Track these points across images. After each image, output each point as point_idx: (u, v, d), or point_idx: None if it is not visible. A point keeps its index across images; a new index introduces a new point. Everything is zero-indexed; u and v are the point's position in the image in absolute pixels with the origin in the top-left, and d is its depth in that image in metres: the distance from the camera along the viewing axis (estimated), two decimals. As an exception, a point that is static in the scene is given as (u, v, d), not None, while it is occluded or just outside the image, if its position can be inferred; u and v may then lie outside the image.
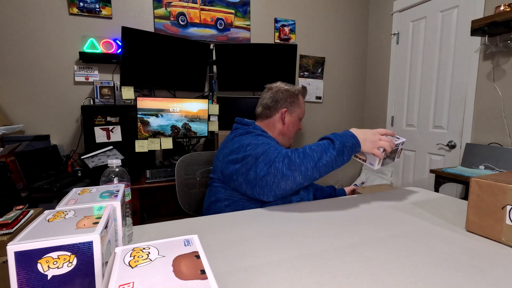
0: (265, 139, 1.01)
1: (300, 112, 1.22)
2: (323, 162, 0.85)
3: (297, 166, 0.85)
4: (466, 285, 0.49)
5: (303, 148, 0.89)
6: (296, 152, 0.87)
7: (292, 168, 0.85)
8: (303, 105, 1.23)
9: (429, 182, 2.53)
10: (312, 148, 0.87)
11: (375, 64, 3.09)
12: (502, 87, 1.97)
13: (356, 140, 0.88)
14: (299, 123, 1.23)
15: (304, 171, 0.84)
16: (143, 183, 1.85)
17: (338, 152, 0.86)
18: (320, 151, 0.86)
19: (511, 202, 0.62)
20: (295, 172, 0.85)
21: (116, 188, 0.59)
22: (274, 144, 0.98)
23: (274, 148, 0.92)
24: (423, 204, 0.94)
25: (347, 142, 0.87)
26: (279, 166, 0.86)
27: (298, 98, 1.20)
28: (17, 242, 0.33)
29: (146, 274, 0.31)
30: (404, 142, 0.98)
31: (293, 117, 1.19)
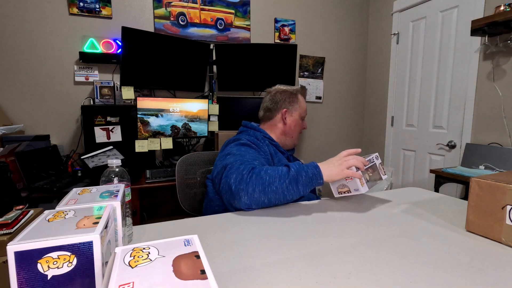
0: (244, 150, 0.98)
1: (301, 111, 1.21)
2: (272, 188, 0.82)
3: (245, 186, 0.82)
4: (466, 285, 0.49)
5: (264, 169, 0.85)
6: (253, 172, 0.85)
7: (240, 187, 0.83)
8: (304, 104, 1.22)
9: (429, 182, 2.53)
10: (268, 172, 0.84)
11: (375, 64, 3.09)
12: (502, 87, 1.97)
13: (317, 170, 0.84)
14: (302, 122, 1.22)
15: (251, 192, 0.82)
16: (143, 183, 1.84)
17: (291, 180, 0.82)
18: (274, 176, 0.83)
19: (511, 202, 0.62)
20: (241, 192, 0.82)
21: (116, 188, 0.59)
22: (251, 157, 0.95)
23: (241, 162, 0.89)
24: (423, 204, 0.94)
25: (304, 171, 0.83)
26: (230, 182, 0.85)
27: (297, 97, 1.20)
28: (17, 242, 0.33)
29: (146, 274, 0.31)
30: (377, 156, 0.96)
31: (294, 116, 1.19)
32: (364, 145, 3.29)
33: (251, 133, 1.15)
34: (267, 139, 1.13)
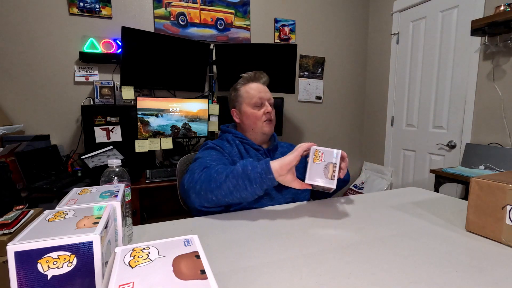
0: (207, 154, 0.99)
1: (248, 100, 1.10)
2: (217, 184, 0.80)
3: (194, 184, 0.84)
4: (466, 285, 0.49)
5: (217, 167, 0.85)
6: (204, 171, 0.86)
7: (190, 185, 0.85)
8: (251, 91, 1.10)
9: (429, 182, 2.53)
10: (218, 170, 0.83)
11: (375, 64, 3.09)
12: (502, 87, 1.97)
13: (266, 165, 0.78)
14: (257, 110, 1.09)
15: (198, 189, 0.83)
16: (143, 183, 1.84)
17: (238, 176, 0.79)
18: (221, 173, 0.82)
19: (511, 202, 0.62)
20: (190, 190, 0.84)
21: (116, 188, 0.59)
22: (211, 158, 0.95)
23: (200, 164, 0.90)
24: (423, 204, 0.94)
25: (251, 167, 0.79)
26: (184, 182, 0.88)
27: (238, 90, 1.13)
28: (17, 242, 0.33)
29: (146, 274, 0.31)
30: (338, 153, 0.81)
31: (244, 110, 1.11)
32: (364, 145, 3.29)
33: (223, 136, 1.15)
34: (237, 139, 1.10)
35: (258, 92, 1.10)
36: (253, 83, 1.12)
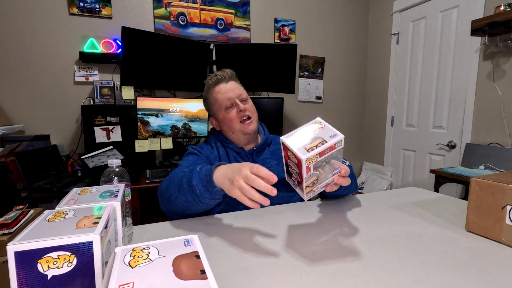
0: (185, 160, 0.99)
1: (218, 105, 1.04)
2: (173, 197, 0.78)
3: (160, 193, 0.85)
4: (466, 285, 0.49)
5: (174, 177, 0.82)
6: (166, 181, 0.84)
7: (158, 193, 0.87)
8: (218, 96, 1.03)
9: (429, 182, 2.53)
10: (174, 181, 0.80)
11: (375, 64, 3.09)
12: (502, 87, 1.97)
13: (209, 177, 0.69)
14: (230, 112, 1.02)
15: (162, 201, 0.84)
16: (143, 183, 1.84)
17: (186, 192, 0.74)
18: (176, 184, 0.78)
19: (511, 202, 0.62)
20: (160, 197, 0.86)
21: (116, 188, 0.59)
22: (187, 164, 0.94)
23: (173, 172, 0.89)
24: (423, 204, 0.94)
25: (197, 180, 0.72)
26: (160, 199, 0.88)
27: (208, 98, 1.08)
28: (17, 242, 0.33)
29: (146, 274, 0.31)
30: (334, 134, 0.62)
31: (218, 116, 1.05)
32: (364, 145, 3.29)
33: (209, 138, 1.13)
34: (219, 141, 1.07)
35: (224, 93, 1.02)
36: (218, 86, 1.04)
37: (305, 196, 0.65)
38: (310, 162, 0.58)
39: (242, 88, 1.07)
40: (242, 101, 1.03)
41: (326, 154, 0.60)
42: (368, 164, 3.20)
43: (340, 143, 0.61)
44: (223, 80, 1.05)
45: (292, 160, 0.61)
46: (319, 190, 0.68)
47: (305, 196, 0.65)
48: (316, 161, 0.58)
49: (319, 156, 0.59)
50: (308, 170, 0.58)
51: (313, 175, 0.61)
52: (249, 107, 1.04)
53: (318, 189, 0.67)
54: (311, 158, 0.57)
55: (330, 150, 0.60)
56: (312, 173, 0.60)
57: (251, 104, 1.06)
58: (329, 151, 0.60)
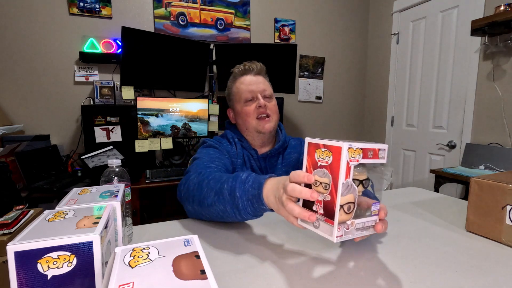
0: (205, 153, 0.89)
1: (238, 96, 0.97)
2: (207, 203, 0.68)
3: (188, 194, 0.74)
4: (466, 285, 0.49)
5: (211, 176, 0.70)
6: (198, 180, 0.72)
7: (185, 195, 0.75)
8: (240, 86, 0.98)
9: (429, 182, 2.53)
10: (211, 183, 0.68)
11: (375, 64, 3.09)
12: (502, 87, 1.97)
13: (258, 193, 0.57)
14: (248, 105, 0.96)
15: (192, 204, 0.73)
16: (143, 183, 1.84)
17: (226, 202, 0.63)
18: (213, 188, 0.67)
19: (511, 202, 0.62)
20: (185, 201, 0.76)
21: (116, 188, 0.59)
22: (210, 158, 0.86)
23: (196, 167, 0.81)
24: (423, 204, 0.94)
25: (240, 193, 0.60)
26: (180, 187, 0.79)
27: (230, 88, 1.02)
28: (17, 242, 0.33)
29: (146, 274, 0.31)
30: (383, 151, 0.48)
31: (236, 109, 0.99)
32: (364, 145, 3.29)
33: (224, 132, 1.04)
34: (236, 137, 1.00)
35: (248, 85, 0.96)
36: (244, 77, 0.98)
37: (335, 231, 0.44)
38: (351, 158, 0.43)
39: (269, 85, 1.01)
40: (265, 97, 0.97)
41: (369, 161, 0.46)
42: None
43: (383, 154, 0.48)
44: (251, 72, 0.99)
45: (322, 163, 0.46)
46: (354, 234, 0.47)
47: (334, 231, 0.44)
48: (357, 161, 0.44)
49: (361, 155, 0.45)
50: (348, 171, 0.43)
51: (350, 189, 0.44)
52: (270, 106, 0.97)
53: (353, 231, 0.46)
54: (353, 149, 0.43)
55: (374, 156, 0.47)
56: (350, 184, 0.44)
57: (274, 104, 0.99)
58: (372, 156, 0.47)
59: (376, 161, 0.48)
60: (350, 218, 0.45)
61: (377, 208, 0.49)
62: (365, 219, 0.48)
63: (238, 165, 0.96)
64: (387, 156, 0.49)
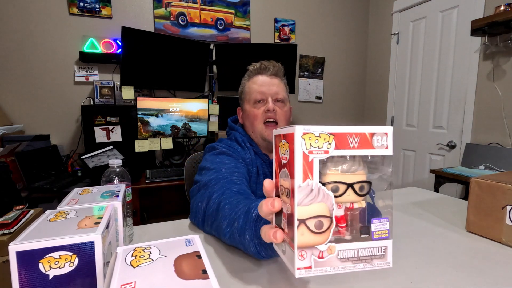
0: (219, 162, 0.79)
1: (249, 96, 0.92)
2: (220, 233, 0.61)
3: (203, 215, 0.68)
4: (466, 285, 0.49)
5: (226, 207, 0.61)
6: (214, 204, 0.64)
7: (199, 214, 0.70)
8: (252, 85, 0.92)
9: (429, 182, 2.53)
10: (226, 212, 0.59)
11: (375, 64, 3.09)
12: (502, 87, 1.97)
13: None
14: (257, 107, 0.90)
15: (206, 225, 0.68)
16: (143, 183, 1.85)
17: (238, 242, 0.55)
18: (226, 217, 0.58)
19: (511, 202, 0.62)
20: (198, 218, 0.70)
21: (117, 188, 0.59)
22: (227, 169, 0.76)
23: (210, 181, 0.72)
24: (423, 204, 0.94)
25: (250, 238, 0.52)
26: (192, 203, 0.74)
27: (244, 86, 0.97)
28: (18, 242, 0.33)
29: (148, 274, 0.31)
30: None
31: (246, 109, 0.93)
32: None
33: (231, 134, 0.96)
34: (247, 140, 0.93)
35: (260, 86, 0.90)
36: (258, 76, 0.93)
37: (296, 260, 0.32)
38: (312, 148, 0.31)
39: (284, 88, 0.94)
40: (276, 101, 0.90)
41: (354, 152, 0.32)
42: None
43: (383, 140, 0.33)
44: (266, 72, 0.93)
45: (284, 160, 0.34)
46: (338, 267, 0.32)
47: (295, 260, 0.32)
48: (326, 152, 0.31)
49: (334, 143, 0.31)
50: (309, 168, 0.30)
51: (319, 197, 0.31)
52: (280, 111, 0.90)
53: (335, 261, 0.32)
54: (315, 135, 0.31)
55: (362, 144, 0.32)
56: (318, 188, 0.31)
57: (285, 110, 0.91)
58: (359, 145, 0.32)
59: (370, 152, 0.32)
60: (323, 240, 0.31)
61: (384, 228, 0.33)
62: (359, 245, 0.32)
63: (253, 174, 0.88)
64: (391, 144, 0.33)
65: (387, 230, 0.33)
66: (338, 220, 0.33)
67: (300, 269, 0.31)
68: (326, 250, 0.32)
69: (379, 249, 0.33)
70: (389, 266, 0.33)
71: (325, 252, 0.32)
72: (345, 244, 0.32)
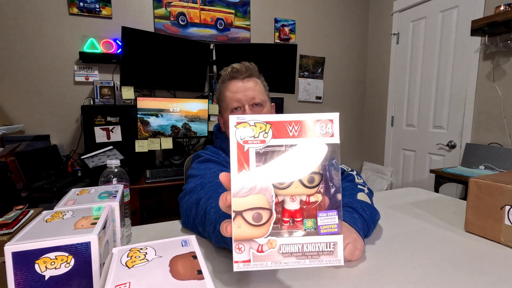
0: (204, 168, 0.79)
1: (225, 104, 0.88)
2: (213, 238, 0.61)
3: (192, 222, 0.69)
4: (465, 285, 0.49)
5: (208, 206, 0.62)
6: (202, 209, 0.65)
7: (188, 223, 0.72)
8: (227, 93, 0.87)
9: (429, 182, 2.52)
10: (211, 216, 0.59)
11: (375, 64, 3.09)
12: (502, 87, 1.97)
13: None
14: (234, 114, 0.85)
15: (197, 230, 0.69)
16: (143, 183, 1.85)
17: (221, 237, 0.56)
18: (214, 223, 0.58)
19: (509, 202, 0.62)
20: (187, 223, 0.72)
21: (115, 188, 0.59)
22: (212, 174, 0.75)
23: (195, 186, 0.72)
24: (422, 204, 0.94)
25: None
26: (181, 210, 0.74)
27: (220, 91, 0.92)
28: (14, 242, 0.33)
29: (143, 274, 0.31)
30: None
31: (224, 115, 0.90)
32: (364, 145, 3.29)
33: (216, 142, 0.95)
34: None
35: (234, 93, 0.85)
36: (231, 82, 0.87)
37: (234, 253, 0.32)
38: (248, 137, 0.30)
39: (260, 89, 0.89)
40: (254, 105, 0.85)
41: (294, 141, 0.31)
42: (368, 164, 3.19)
43: (327, 128, 0.31)
44: (239, 75, 0.87)
45: None
46: (280, 263, 0.32)
47: (233, 253, 0.32)
48: (263, 142, 0.30)
49: (271, 132, 0.30)
50: (244, 157, 0.30)
51: (257, 188, 0.31)
52: None
53: (276, 256, 0.31)
54: (249, 124, 0.31)
55: (302, 131, 0.31)
56: (251, 176, 0.30)
57: (264, 112, 0.86)
58: (299, 133, 0.31)
59: (314, 140, 0.31)
60: (263, 234, 0.30)
61: (332, 222, 0.31)
62: (303, 239, 0.31)
63: None
64: (338, 132, 0.31)
65: (336, 225, 0.31)
66: (293, 214, 0.32)
67: (238, 262, 0.30)
68: (266, 243, 0.31)
69: (327, 245, 0.31)
70: (340, 264, 0.32)
71: (265, 245, 0.31)
72: (287, 238, 0.31)
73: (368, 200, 0.72)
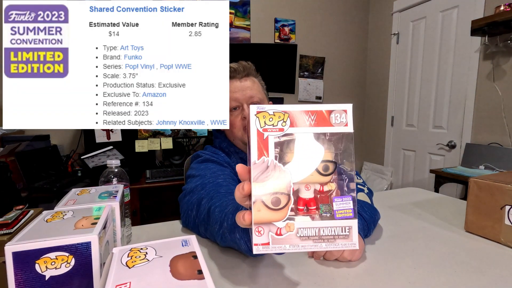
0: (204, 168, 0.78)
1: None
2: (213, 238, 0.62)
3: (193, 222, 0.69)
4: (465, 285, 0.49)
5: (212, 206, 0.61)
6: (202, 210, 0.65)
7: (189, 223, 0.71)
8: None
9: (429, 182, 2.52)
10: (216, 216, 0.58)
11: (375, 64, 3.09)
12: (502, 87, 1.97)
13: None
14: (233, 115, 0.87)
15: (200, 231, 0.68)
16: (143, 183, 1.85)
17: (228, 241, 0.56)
18: (218, 221, 0.57)
19: (509, 202, 0.62)
20: (198, 231, 0.70)
21: (115, 188, 0.59)
22: (212, 173, 0.75)
23: (196, 187, 0.72)
24: (422, 204, 0.94)
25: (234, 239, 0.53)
26: (181, 210, 0.74)
27: None
28: (15, 242, 0.33)
29: (143, 274, 0.31)
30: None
31: None
32: (364, 145, 3.29)
33: (215, 142, 0.95)
34: (231, 147, 0.90)
35: (232, 92, 0.86)
36: (229, 82, 0.87)
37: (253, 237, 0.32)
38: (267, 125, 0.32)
39: (258, 88, 0.90)
40: (252, 104, 0.87)
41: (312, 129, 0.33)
42: (368, 164, 3.19)
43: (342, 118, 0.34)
44: (236, 75, 0.89)
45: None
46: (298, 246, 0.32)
47: (252, 237, 0.33)
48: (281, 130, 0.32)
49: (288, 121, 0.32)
50: (264, 145, 0.32)
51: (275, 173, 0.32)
52: None
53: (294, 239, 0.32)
54: (269, 113, 0.32)
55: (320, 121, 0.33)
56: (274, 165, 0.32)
57: None
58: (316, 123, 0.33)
59: (329, 129, 0.34)
60: (281, 217, 0.32)
61: (347, 207, 0.32)
62: (320, 223, 0.32)
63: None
64: (351, 122, 0.33)
65: (351, 209, 0.32)
66: (307, 203, 0.33)
67: (258, 245, 0.31)
68: (284, 227, 0.32)
69: (343, 229, 0.32)
70: (354, 247, 0.33)
71: (283, 229, 0.32)
72: (305, 222, 0.32)
73: (368, 200, 0.73)
